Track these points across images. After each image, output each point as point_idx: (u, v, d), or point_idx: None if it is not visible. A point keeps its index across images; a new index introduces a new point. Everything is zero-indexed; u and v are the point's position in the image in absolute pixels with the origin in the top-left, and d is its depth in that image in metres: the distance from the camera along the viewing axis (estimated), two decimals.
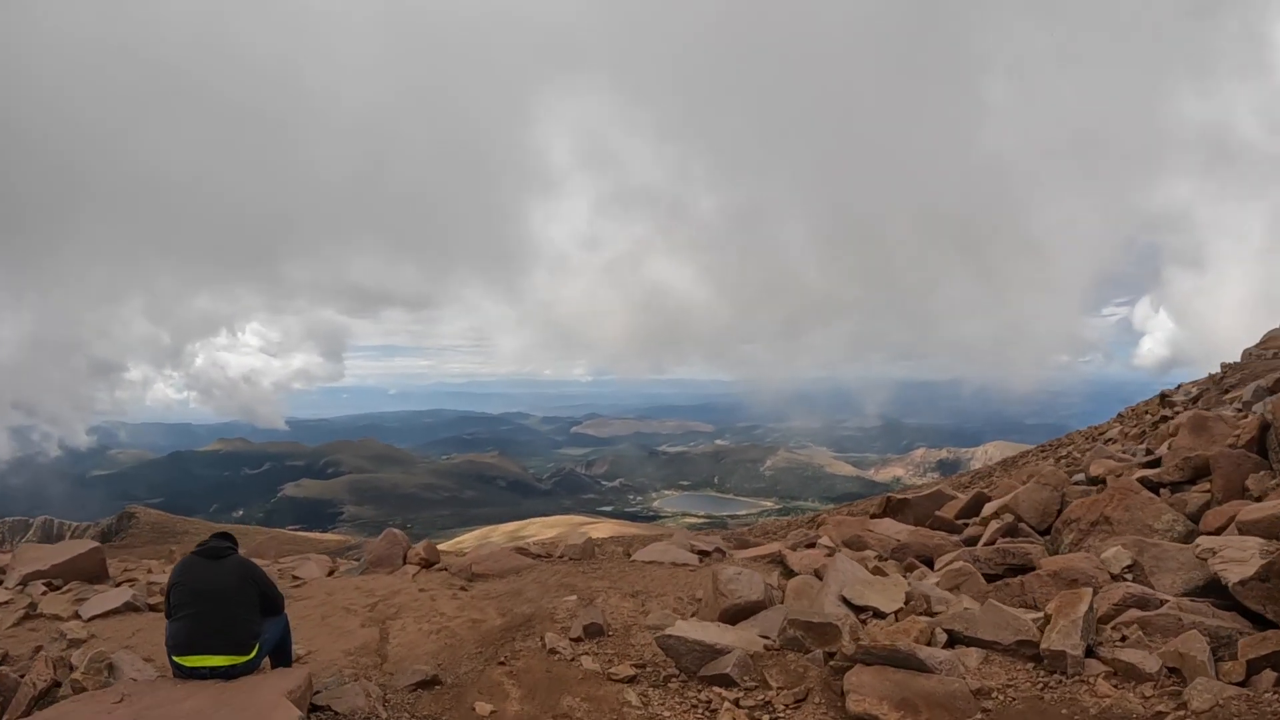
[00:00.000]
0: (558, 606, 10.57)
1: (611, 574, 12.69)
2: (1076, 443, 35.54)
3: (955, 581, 10.04)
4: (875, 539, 14.95)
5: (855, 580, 9.34)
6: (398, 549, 14.43)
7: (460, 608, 10.88)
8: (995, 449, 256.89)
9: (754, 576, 9.36)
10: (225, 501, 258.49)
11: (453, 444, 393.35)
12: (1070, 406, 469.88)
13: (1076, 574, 8.91)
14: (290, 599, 10.79)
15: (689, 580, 12.25)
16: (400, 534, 15.00)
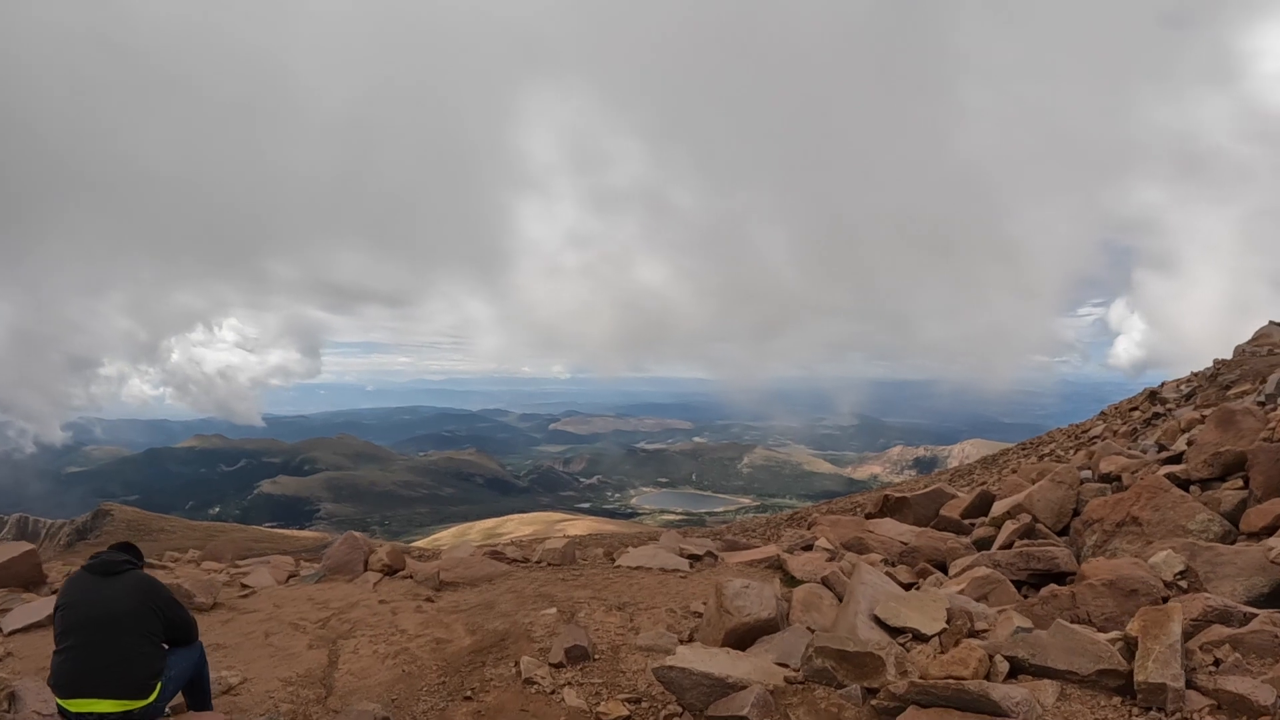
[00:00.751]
0: (535, 622, 9.30)
1: (594, 582, 11.51)
2: (1059, 440, 35.48)
3: (982, 590, 9.08)
4: (877, 541, 14.06)
5: (887, 595, 7.72)
6: (358, 554, 12.94)
7: (424, 624, 9.60)
8: (972, 447, 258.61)
9: (764, 590, 8.07)
10: (201, 499, 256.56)
11: (431, 441, 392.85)
12: (1046, 406, 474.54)
13: (1134, 583, 7.76)
14: (234, 612, 9.86)
15: (681, 589, 11.06)
16: (361, 537, 13.46)
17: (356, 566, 12.65)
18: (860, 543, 13.97)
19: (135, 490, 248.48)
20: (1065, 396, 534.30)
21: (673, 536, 14.40)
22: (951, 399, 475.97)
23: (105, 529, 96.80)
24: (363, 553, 12.93)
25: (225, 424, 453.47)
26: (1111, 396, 37.47)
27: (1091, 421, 35.29)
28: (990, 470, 38.09)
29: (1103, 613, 7.53)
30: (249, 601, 10.82)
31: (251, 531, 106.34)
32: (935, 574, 11.14)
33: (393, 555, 12.67)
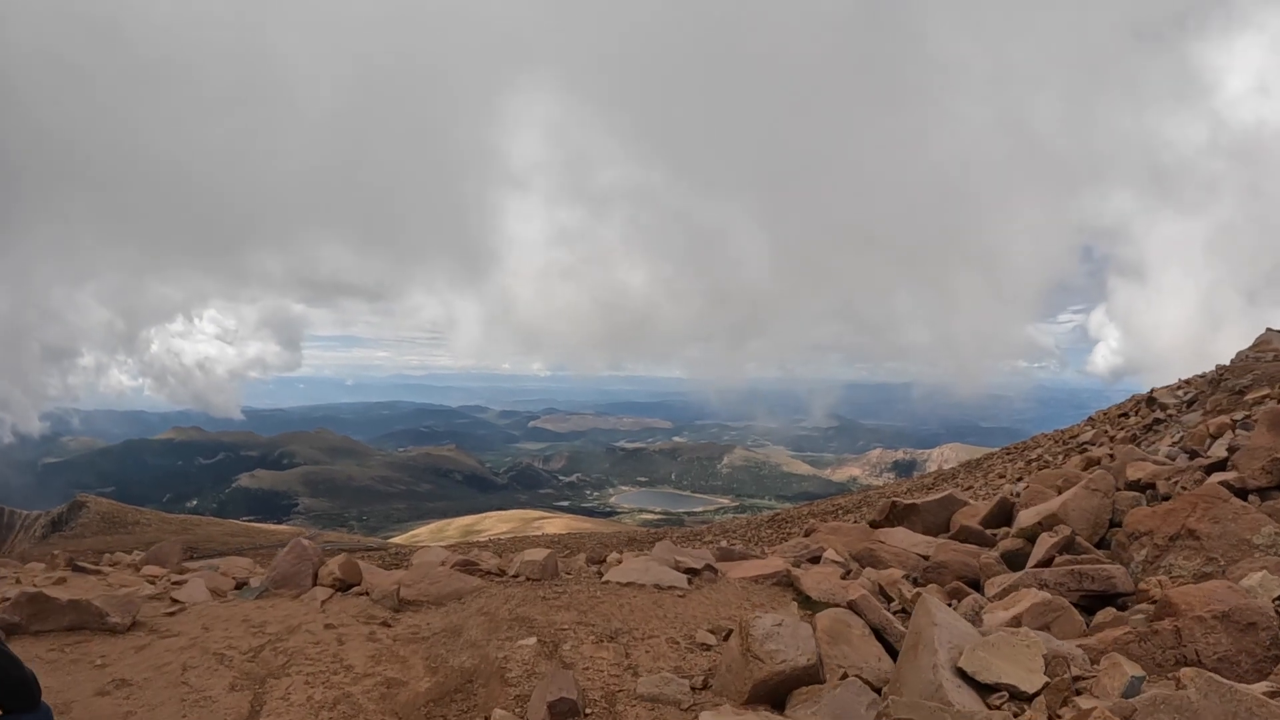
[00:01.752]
0: (511, 656, 7.63)
1: (580, 601, 9.52)
2: (1045, 446, 35.04)
3: (1043, 619, 7.63)
4: (890, 553, 12.64)
5: (967, 639, 5.90)
6: (306, 565, 11.13)
7: (375, 657, 7.99)
8: (951, 451, 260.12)
9: (799, 630, 6.59)
10: (178, 491, 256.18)
11: (409, 436, 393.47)
12: (1024, 411, 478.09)
13: (1250, 614, 6.20)
14: (153, 635, 8.36)
15: (680, 611, 9.24)
16: (310, 546, 11.55)
17: (304, 580, 10.96)
18: (872, 554, 12.59)
19: (112, 482, 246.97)
20: (1043, 402, 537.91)
21: (666, 547, 12.38)
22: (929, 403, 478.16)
23: (81, 521, 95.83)
24: (312, 564, 11.21)
25: (203, 416, 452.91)
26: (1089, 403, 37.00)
27: (1079, 427, 34.69)
28: (974, 474, 37.63)
29: (1215, 652, 6.01)
30: (175, 621, 9.12)
31: (228, 525, 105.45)
32: (971, 595, 9.64)
33: (346, 568, 11.00)
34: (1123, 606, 8.28)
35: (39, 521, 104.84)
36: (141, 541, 77.63)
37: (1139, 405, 28.69)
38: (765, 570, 11.27)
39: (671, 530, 58.55)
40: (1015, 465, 32.07)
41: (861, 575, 10.94)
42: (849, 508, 41.47)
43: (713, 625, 8.57)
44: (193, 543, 76.12)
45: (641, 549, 39.86)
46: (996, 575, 10.43)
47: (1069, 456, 25.68)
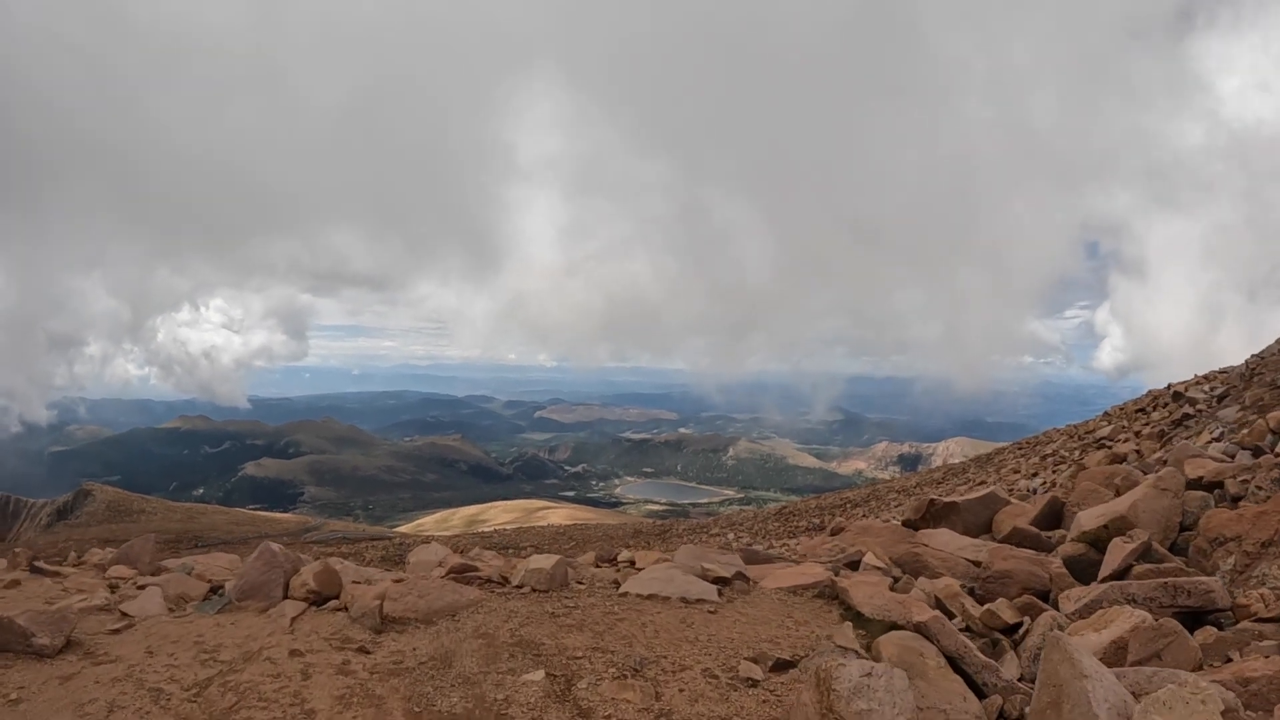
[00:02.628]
0: (512, 697, 6.27)
1: (594, 619, 8.08)
2: (1059, 441, 34.73)
3: (1152, 646, 6.37)
4: (939, 558, 10.97)
5: (1122, 695, 4.63)
6: (276, 575, 9.45)
7: (344, 698, 6.34)
8: (956, 445, 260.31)
9: (894, 681, 5.18)
10: (184, 480, 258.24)
11: (415, 426, 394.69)
12: (1029, 406, 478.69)
13: None
14: (86, 660, 6.95)
15: (714, 632, 7.71)
16: (280, 551, 9.84)
17: (273, 590, 9.31)
18: (917, 559, 10.99)
19: (118, 471, 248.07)
20: (1049, 398, 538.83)
21: (691, 551, 10.95)
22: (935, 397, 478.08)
23: (86, 509, 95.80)
24: (282, 573, 9.51)
25: (209, 405, 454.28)
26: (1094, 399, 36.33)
27: (1095, 422, 34.14)
28: (985, 469, 37.55)
29: None
30: (116, 642, 7.52)
31: (234, 514, 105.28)
32: (1047, 611, 8.10)
33: (322, 578, 9.33)
34: (1219, 624, 7.25)
35: (45, 510, 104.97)
36: (146, 530, 76.88)
37: (1156, 400, 28.51)
38: (804, 579, 9.63)
39: (677, 522, 57.96)
40: (1029, 461, 31.67)
41: (914, 586, 9.37)
42: (858, 501, 41.41)
43: (755, 652, 7.14)
44: (197, 531, 75.46)
45: (649, 541, 38.91)
46: (1071, 587, 8.89)
47: (1086, 452, 25.61)
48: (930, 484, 39.87)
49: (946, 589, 8.83)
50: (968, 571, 10.42)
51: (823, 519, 37.33)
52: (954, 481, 37.43)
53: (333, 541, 63.21)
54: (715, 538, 36.83)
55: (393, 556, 40.66)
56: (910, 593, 9.02)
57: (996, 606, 8.07)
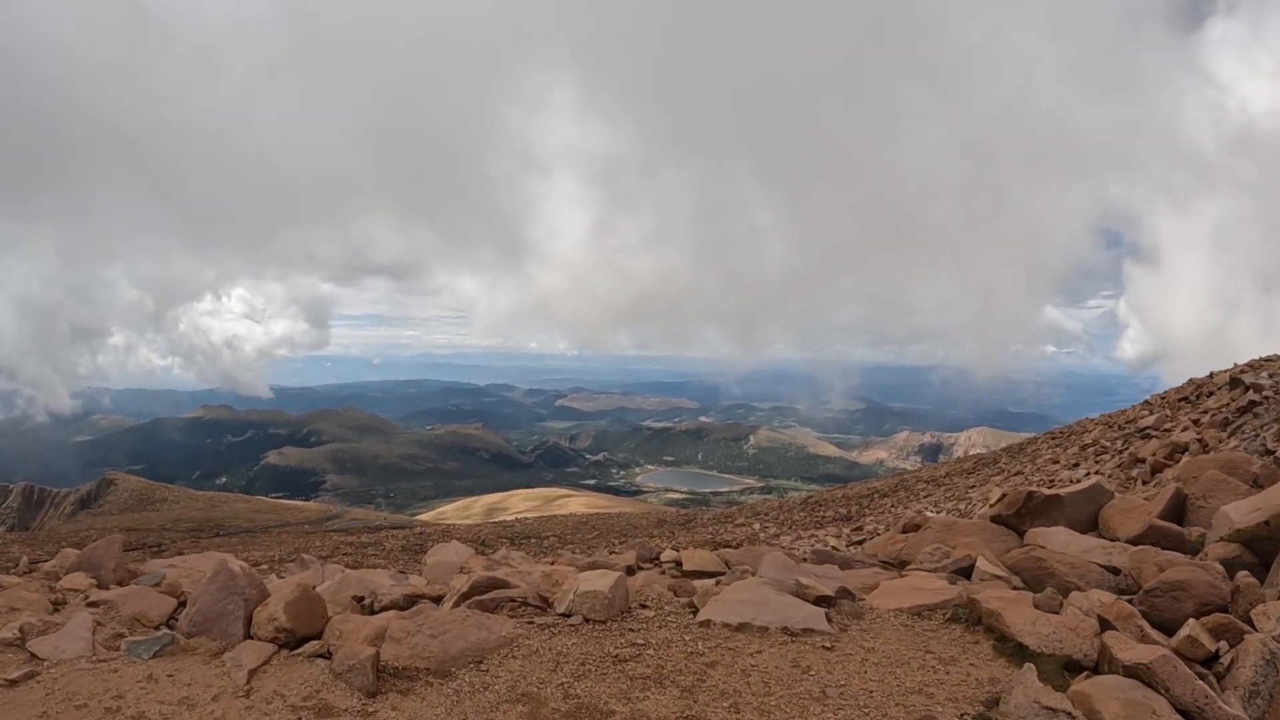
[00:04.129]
0: None
1: (675, 665, 6.37)
2: (1096, 430, 33.70)
3: None
4: (1066, 564, 8.73)
5: None
6: (234, 603, 7.71)
7: None
8: (979, 435, 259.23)
9: None
10: (207, 469, 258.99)
11: (436, 415, 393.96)
12: (1052, 396, 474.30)
13: None
14: None
15: (842, 680, 6.02)
16: (242, 572, 8.01)
17: (231, 625, 7.57)
18: (1039, 566, 8.81)
19: (141, 460, 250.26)
20: (1071, 388, 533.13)
21: (779, 561, 8.99)
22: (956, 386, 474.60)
23: (109, 498, 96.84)
24: (243, 601, 7.71)
25: (231, 395, 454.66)
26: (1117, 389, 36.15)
27: (1135, 411, 33.22)
28: (1018, 459, 36.63)
29: None
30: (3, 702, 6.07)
31: (255, 502, 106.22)
32: (1253, 634, 6.38)
33: (298, 610, 7.46)
34: None
35: (68, 499, 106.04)
36: (169, 518, 78.62)
37: (1200, 389, 27.93)
38: (927, 597, 7.99)
39: (701, 511, 58.29)
40: (1067, 451, 30.78)
41: (1067, 604, 7.16)
42: (885, 492, 40.90)
43: (916, 717, 5.54)
44: (219, 520, 76.96)
45: (673, 531, 39.84)
46: (1266, 602, 6.83)
47: (1129, 442, 25.18)
48: (960, 474, 39.55)
49: (1116, 610, 6.86)
50: (1103, 580, 8.49)
51: (849, 509, 37.13)
52: (986, 471, 37.00)
53: (354, 530, 64.38)
54: (741, 527, 36.71)
55: (413, 546, 40.97)
56: (1065, 613, 6.99)
57: (1194, 631, 6.22)
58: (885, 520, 28.87)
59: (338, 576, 9.75)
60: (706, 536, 32.53)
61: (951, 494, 32.30)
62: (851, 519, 32.77)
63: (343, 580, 9.59)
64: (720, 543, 28.21)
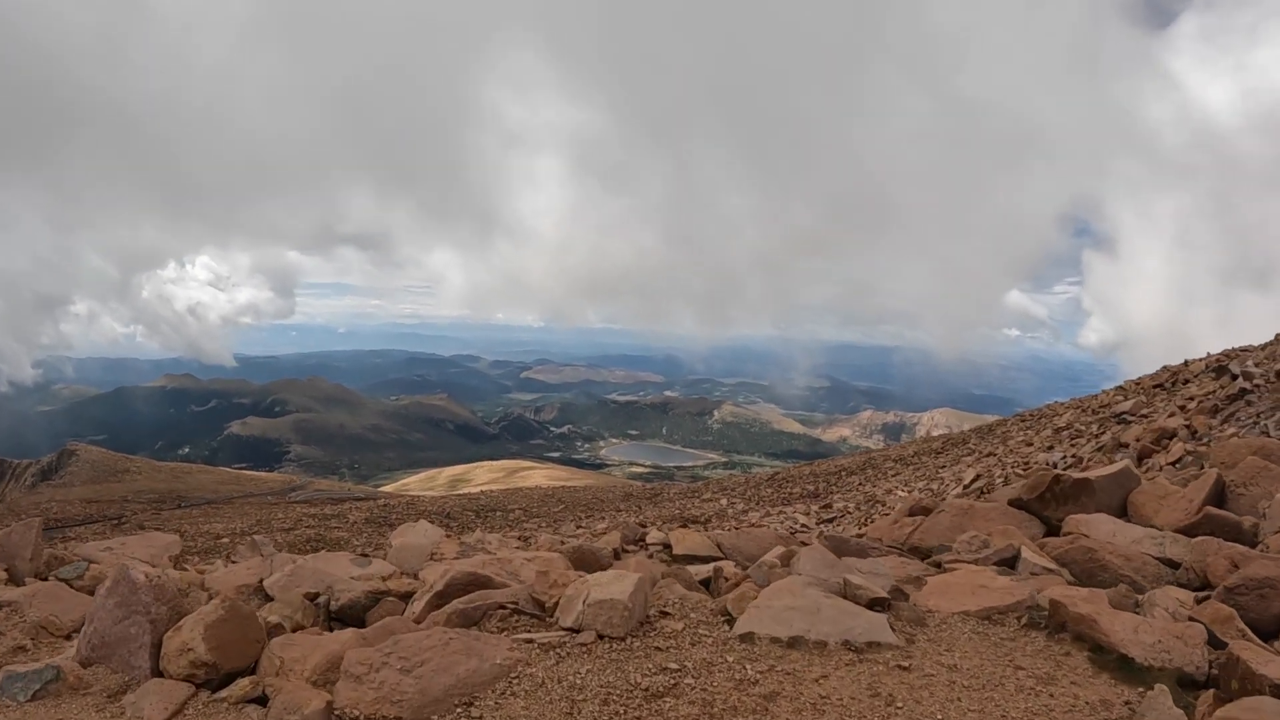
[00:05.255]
0: None
1: (725, 701, 4.97)
2: (1069, 414, 33.65)
3: None
4: (1118, 555, 7.89)
5: None
6: (138, 625, 5.89)
7: None
8: (942, 416, 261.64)
9: None
10: (170, 439, 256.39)
11: (401, 385, 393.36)
12: (1017, 380, 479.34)
13: None
14: None
15: (935, 712, 4.90)
16: (147, 582, 6.05)
17: (135, 655, 5.82)
18: (1090, 557, 7.94)
19: (103, 430, 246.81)
20: (1037, 373, 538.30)
21: (818, 556, 7.67)
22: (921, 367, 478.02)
23: (70, 469, 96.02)
24: (148, 624, 5.87)
25: (195, 364, 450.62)
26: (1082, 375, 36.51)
27: (1110, 395, 33.01)
28: (988, 440, 36.80)
29: None
30: None
31: (219, 473, 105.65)
32: None
33: (221, 637, 5.71)
34: None
35: (29, 470, 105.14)
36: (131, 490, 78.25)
37: (1176, 375, 27.65)
38: (995, 598, 6.77)
39: (667, 486, 58.60)
40: (1041, 434, 30.70)
41: (1147, 605, 6.35)
42: (853, 469, 41.02)
43: None
44: (182, 491, 76.74)
45: (640, 505, 40.20)
46: None
47: (1105, 426, 25.17)
48: (929, 453, 39.62)
49: (1212, 612, 5.99)
50: (1159, 574, 7.71)
51: (817, 486, 37.21)
52: (955, 451, 37.04)
53: (317, 501, 64.38)
54: (708, 503, 36.99)
55: (377, 518, 41.13)
56: (1152, 615, 6.12)
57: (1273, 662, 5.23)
58: (854, 499, 29.16)
59: (288, 567, 8.21)
60: (674, 511, 32.85)
61: (921, 473, 32.58)
62: (819, 496, 33.07)
63: (295, 572, 8.07)
64: (689, 518, 28.57)
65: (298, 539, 33.01)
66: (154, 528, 41.18)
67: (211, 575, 8.50)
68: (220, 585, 7.94)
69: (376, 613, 7.15)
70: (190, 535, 35.94)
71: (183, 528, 40.31)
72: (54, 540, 35.63)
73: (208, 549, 30.42)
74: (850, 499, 29.38)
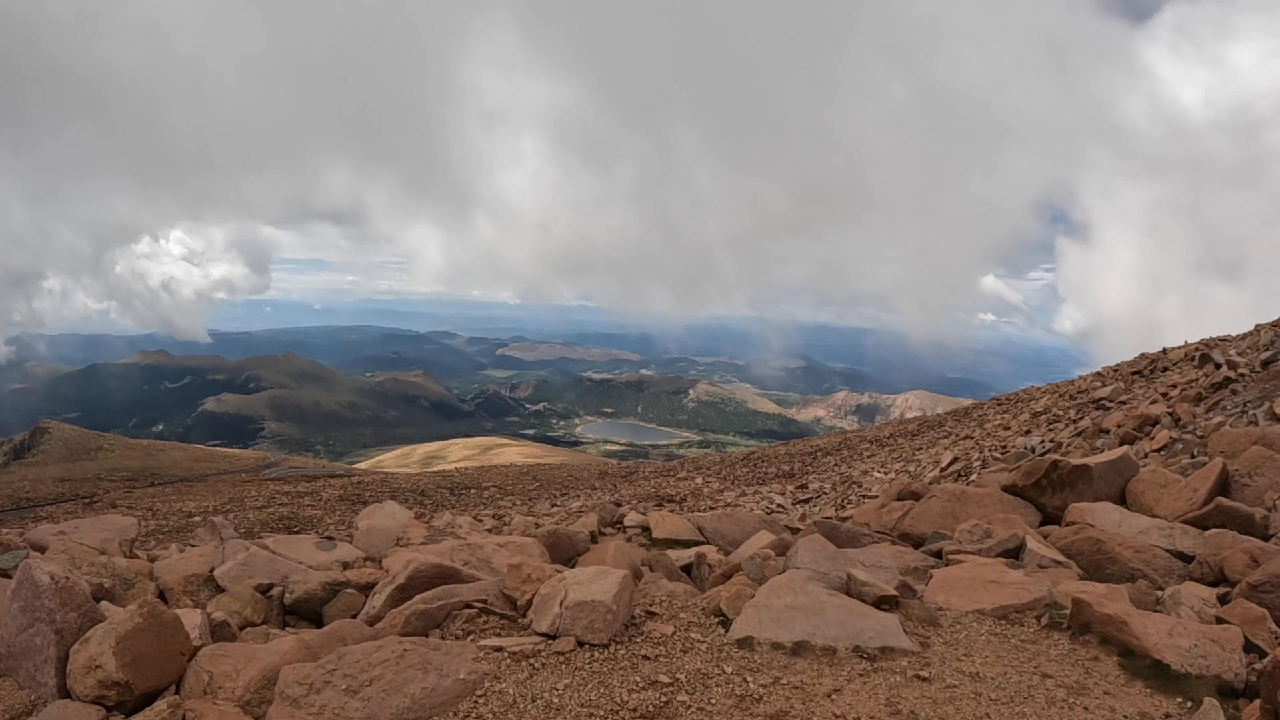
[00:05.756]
0: None
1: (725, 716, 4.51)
2: (1046, 399, 33.70)
3: None
4: (1127, 547, 7.67)
5: None
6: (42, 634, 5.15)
7: None
8: (915, 398, 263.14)
9: None
10: (144, 416, 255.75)
11: (377, 362, 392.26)
12: (991, 364, 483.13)
13: None
14: None
15: None
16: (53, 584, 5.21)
17: (42, 669, 5.07)
18: (1098, 549, 7.74)
19: (77, 407, 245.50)
20: (1011, 358, 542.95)
21: (817, 546, 6.93)
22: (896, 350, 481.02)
23: (43, 448, 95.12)
24: (54, 634, 5.08)
25: (169, 340, 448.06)
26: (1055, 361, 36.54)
27: (1088, 381, 33.13)
28: (964, 424, 36.95)
29: None
30: None
31: (192, 451, 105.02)
32: None
33: (136, 650, 4.89)
34: None
35: (1, 449, 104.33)
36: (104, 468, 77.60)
37: (1155, 363, 27.74)
38: (1009, 595, 6.37)
39: (643, 464, 58.55)
40: (1019, 418, 30.67)
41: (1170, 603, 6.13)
42: (829, 450, 41.06)
43: None
44: (155, 469, 76.12)
45: (615, 484, 40.06)
46: None
47: (1083, 412, 25.17)
48: (905, 435, 39.78)
49: (1242, 611, 5.81)
50: (1171, 567, 7.48)
51: (792, 466, 37.33)
52: (932, 434, 37.11)
53: (291, 479, 63.99)
54: (684, 481, 36.95)
55: (350, 496, 40.94)
56: (1178, 614, 5.88)
57: None
58: (830, 479, 29.11)
59: (241, 555, 7.57)
60: (650, 490, 32.73)
61: (898, 455, 32.62)
62: (795, 476, 32.97)
63: (248, 560, 7.46)
64: (664, 496, 28.45)
65: (270, 517, 32.70)
66: (126, 506, 40.80)
67: (162, 563, 7.77)
68: (169, 575, 7.28)
69: (334, 607, 6.69)
70: (163, 514, 35.58)
71: (155, 506, 39.96)
72: (25, 520, 35.11)
73: (180, 528, 30.05)
74: (826, 480, 29.35)
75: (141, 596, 6.05)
